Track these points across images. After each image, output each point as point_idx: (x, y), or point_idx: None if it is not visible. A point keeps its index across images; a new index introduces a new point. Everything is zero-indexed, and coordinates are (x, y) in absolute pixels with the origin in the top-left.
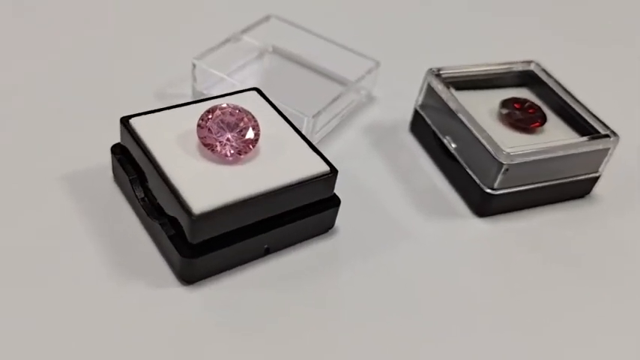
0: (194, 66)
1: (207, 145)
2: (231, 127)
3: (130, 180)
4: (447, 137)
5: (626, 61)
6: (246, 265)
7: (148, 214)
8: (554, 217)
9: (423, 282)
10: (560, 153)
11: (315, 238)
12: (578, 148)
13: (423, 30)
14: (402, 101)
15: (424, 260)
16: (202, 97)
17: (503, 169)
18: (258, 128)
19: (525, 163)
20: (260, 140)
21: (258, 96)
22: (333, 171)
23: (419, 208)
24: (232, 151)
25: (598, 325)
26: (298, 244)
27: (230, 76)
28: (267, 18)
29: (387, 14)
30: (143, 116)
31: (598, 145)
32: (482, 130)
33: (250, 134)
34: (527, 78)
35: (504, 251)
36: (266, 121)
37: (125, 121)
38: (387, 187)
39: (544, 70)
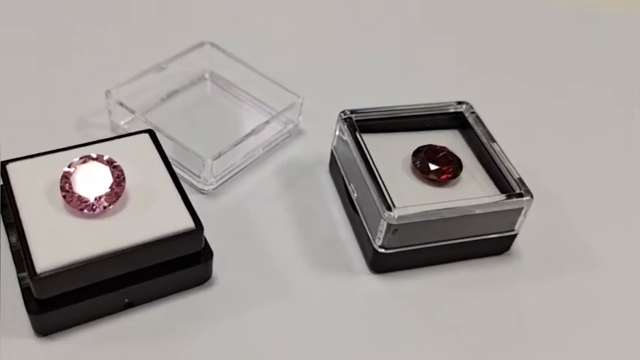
0: (107, 97)
1: (67, 199)
2: (90, 182)
3: (5, 225)
4: (352, 185)
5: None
6: (108, 317)
7: (15, 263)
8: (459, 276)
9: (289, 340)
10: (457, 214)
11: (189, 290)
12: (480, 208)
13: (377, 66)
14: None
15: (297, 318)
16: (119, 130)
17: (392, 230)
18: (122, 184)
19: (417, 223)
20: (131, 192)
21: (149, 140)
22: (199, 227)
23: (312, 260)
24: (91, 206)
25: None
26: (170, 296)
27: (150, 110)
28: (200, 44)
29: (338, 49)
30: (20, 161)
31: (509, 204)
32: (376, 183)
33: (109, 190)
34: (458, 121)
35: (386, 312)
36: (147, 169)
37: (2, 166)
38: (285, 235)
39: (474, 113)
